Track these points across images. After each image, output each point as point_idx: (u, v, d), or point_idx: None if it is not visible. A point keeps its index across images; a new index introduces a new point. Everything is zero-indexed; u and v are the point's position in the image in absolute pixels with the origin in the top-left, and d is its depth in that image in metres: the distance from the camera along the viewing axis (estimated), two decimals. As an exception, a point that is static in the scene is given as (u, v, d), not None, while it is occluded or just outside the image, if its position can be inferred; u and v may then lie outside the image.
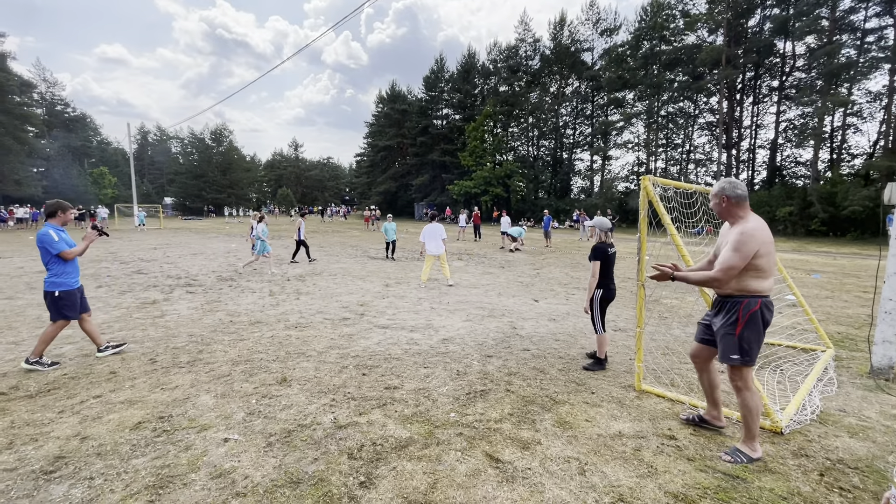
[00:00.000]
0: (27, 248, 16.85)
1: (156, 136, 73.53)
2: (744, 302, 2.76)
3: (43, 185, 44.81)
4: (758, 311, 2.74)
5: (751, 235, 2.67)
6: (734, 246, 2.68)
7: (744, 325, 2.75)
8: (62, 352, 4.93)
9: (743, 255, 2.65)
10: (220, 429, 3.19)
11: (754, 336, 2.76)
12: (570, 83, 46.77)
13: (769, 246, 2.73)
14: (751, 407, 2.82)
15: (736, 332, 2.77)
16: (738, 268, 2.67)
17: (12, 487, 2.51)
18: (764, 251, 2.68)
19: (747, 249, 2.65)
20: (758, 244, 2.66)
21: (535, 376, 4.29)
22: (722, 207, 2.90)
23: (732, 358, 2.80)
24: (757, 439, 2.85)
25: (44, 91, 54.03)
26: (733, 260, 2.67)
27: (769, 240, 2.74)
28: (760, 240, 2.68)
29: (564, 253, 16.99)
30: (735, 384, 2.87)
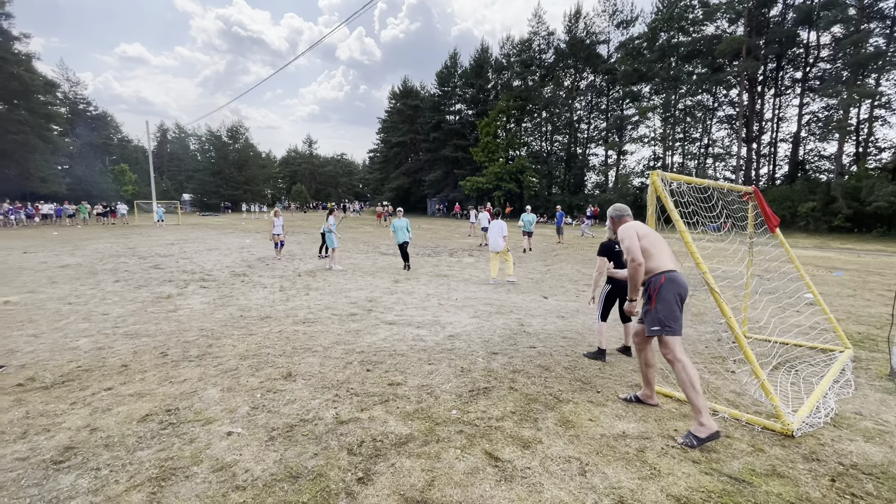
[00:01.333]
0: (51, 243, 17.37)
1: (174, 133, 74.92)
2: (651, 280, 3.25)
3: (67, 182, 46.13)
4: (664, 285, 3.17)
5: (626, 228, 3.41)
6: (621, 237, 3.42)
7: (655, 300, 3.19)
8: (78, 345, 5.06)
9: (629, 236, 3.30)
10: (225, 422, 3.23)
11: (667, 307, 3.14)
12: (585, 77, 46.10)
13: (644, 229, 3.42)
14: (683, 379, 3.04)
15: (651, 307, 3.22)
16: (635, 247, 3.22)
17: (23, 476, 2.58)
18: (642, 233, 3.34)
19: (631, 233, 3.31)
20: (633, 230, 3.35)
21: (540, 374, 4.25)
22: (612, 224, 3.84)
23: (653, 329, 3.20)
24: (704, 413, 2.96)
25: (67, 90, 55.45)
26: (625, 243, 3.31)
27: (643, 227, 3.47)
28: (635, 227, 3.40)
29: (577, 249, 16.80)
30: (664, 355, 3.17)
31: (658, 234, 3.45)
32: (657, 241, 3.36)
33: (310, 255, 13.69)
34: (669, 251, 3.35)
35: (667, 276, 3.19)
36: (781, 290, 7.63)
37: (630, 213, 3.79)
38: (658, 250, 3.29)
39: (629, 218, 3.73)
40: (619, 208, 3.80)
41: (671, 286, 3.17)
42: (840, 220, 25.39)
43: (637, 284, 3.24)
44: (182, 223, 33.17)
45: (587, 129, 46.99)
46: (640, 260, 3.19)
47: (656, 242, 3.34)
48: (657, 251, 3.28)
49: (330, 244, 11.39)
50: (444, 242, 18.57)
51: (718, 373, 4.36)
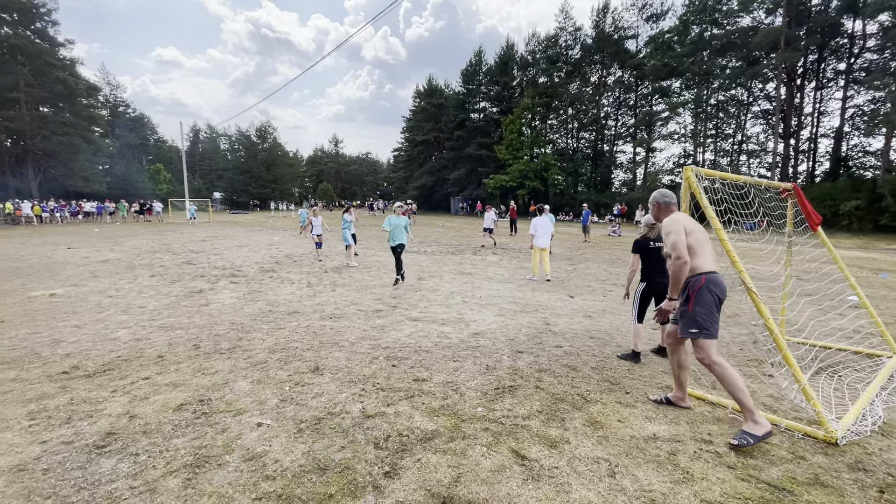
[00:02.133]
0: (93, 239, 18.23)
1: (206, 133, 77.35)
2: (691, 281, 3.10)
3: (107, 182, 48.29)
4: (704, 287, 3.04)
5: (673, 220, 3.20)
6: (666, 230, 3.19)
7: (694, 301, 3.06)
8: (117, 336, 5.28)
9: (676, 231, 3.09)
10: (255, 413, 3.31)
11: (706, 310, 3.03)
12: (613, 72, 45.08)
13: (692, 224, 3.21)
14: (727, 380, 2.96)
15: (689, 308, 3.08)
16: (682, 243, 3.04)
17: (68, 459, 2.71)
18: (689, 228, 3.14)
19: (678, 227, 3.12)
20: (681, 224, 3.14)
21: (567, 374, 4.18)
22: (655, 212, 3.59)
23: (690, 332, 3.08)
24: (755, 412, 2.91)
25: (108, 93, 58.05)
26: (671, 237, 3.10)
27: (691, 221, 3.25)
28: (683, 221, 3.18)
29: (603, 248, 16.47)
30: (700, 359, 3.06)
31: (704, 232, 3.25)
32: (703, 239, 3.18)
33: (336, 252, 13.89)
34: (712, 251, 3.20)
35: (708, 277, 3.06)
36: (821, 292, 7.27)
37: (676, 201, 3.53)
38: (703, 249, 3.13)
39: (676, 207, 3.49)
40: (667, 194, 3.51)
41: (712, 288, 3.04)
42: (887, 220, 23.97)
43: (679, 283, 3.07)
44: (213, 221, 34.25)
45: (614, 126, 46.00)
46: (687, 258, 3.01)
47: (702, 241, 3.16)
48: (702, 250, 3.12)
49: (345, 241, 11.47)
50: (468, 241, 18.52)
51: (755, 376, 4.19)
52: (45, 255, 13.01)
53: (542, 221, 9.40)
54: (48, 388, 3.77)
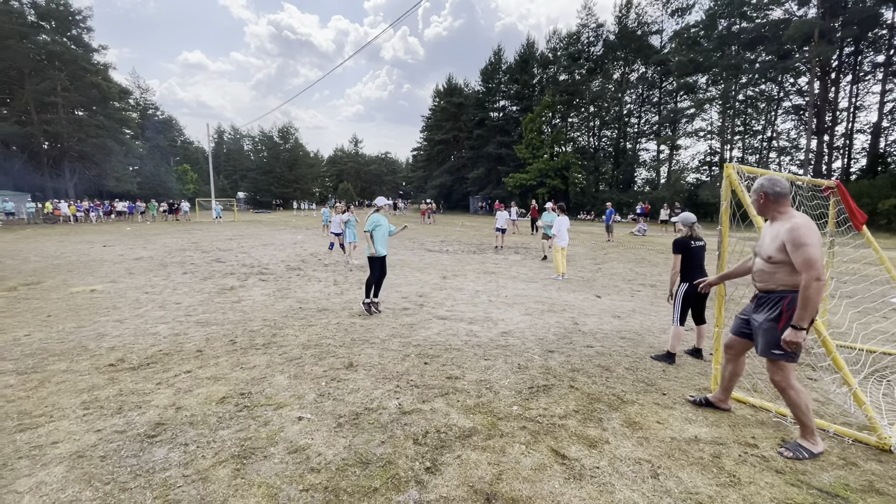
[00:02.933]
0: (126, 237, 18.89)
1: (230, 134, 79.16)
2: (788, 297, 2.70)
3: (137, 182, 49.87)
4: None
5: (809, 227, 2.62)
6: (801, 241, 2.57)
7: (787, 320, 2.67)
8: (157, 330, 5.47)
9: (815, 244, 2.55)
10: (294, 407, 3.39)
11: None
12: (636, 69, 44.29)
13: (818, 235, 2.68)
14: (798, 404, 2.78)
15: (779, 326, 2.72)
16: (819, 259, 2.53)
17: (122, 447, 2.83)
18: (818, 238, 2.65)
19: (816, 238, 2.59)
20: (817, 233, 2.63)
21: (601, 374, 4.14)
22: (760, 204, 2.90)
23: (775, 353, 2.74)
24: (816, 434, 2.81)
25: (138, 97, 59.96)
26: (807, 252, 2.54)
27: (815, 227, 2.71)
28: (814, 229, 2.64)
29: (628, 248, 16.21)
30: (776, 381, 2.81)
31: None
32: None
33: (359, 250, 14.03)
34: None
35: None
36: (861, 294, 7.00)
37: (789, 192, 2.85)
38: None
39: (789, 199, 2.80)
40: (780, 182, 2.80)
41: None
42: (928, 219, 22.92)
43: (816, 309, 2.55)
44: (238, 220, 35.05)
45: (637, 124, 45.16)
46: (823, 278, 2.49)
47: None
48: None
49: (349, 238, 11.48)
50: (489, 240, 18.47)
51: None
52: (83, 252, 13.55)
53: (565, 221, 9.33)
54: (97, 380, 3.93)
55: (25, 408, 3.38)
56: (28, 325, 5.73)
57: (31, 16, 38.48)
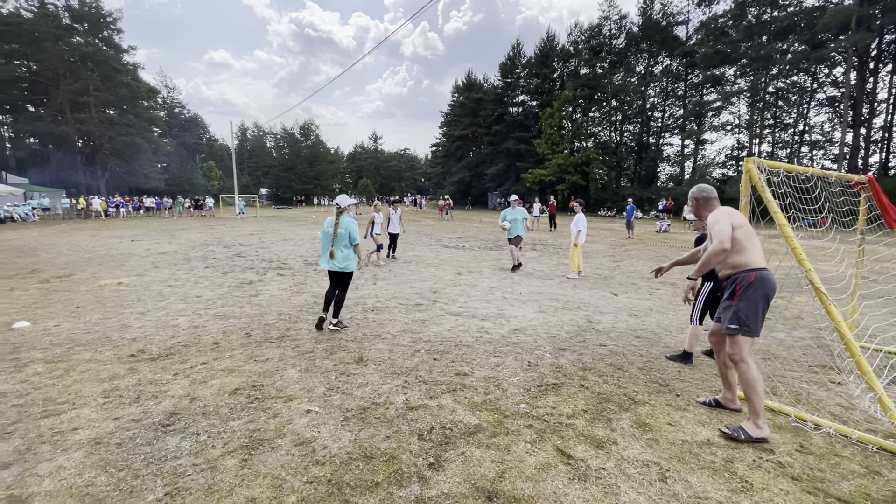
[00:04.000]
0: (153, 232, 19.50)
1: (253, 132, 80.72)
2: (739, 276, 3.01)
3: (164, 178, 51.43)
4: (753, 283, 2.93)
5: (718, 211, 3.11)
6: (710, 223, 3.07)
7: (739, 297, 2.96)
8: (177, 323, 5.63)
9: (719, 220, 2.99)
10: (304, 400, 3.44)
11: (751, 307, 2.93)
12: (660, 61, 43.17)
13: (740, 219, 3.08)
14: (748, 380, 2.91)
15: (733, 302, 3.00)
16: (727, 232, 2.92)
17: (138, 435, 2.92)
18: (738, 223, 3.02)
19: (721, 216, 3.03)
20: (730, 217, 3.02)
21: (613, 373, 4.06)
22: (695, 209, 3.42)
23: (730, 327, 2.99)
24: (762, 417, 2.90)
25: (165, 96, 61.73)
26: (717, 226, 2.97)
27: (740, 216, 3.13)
28: (731, 215, 3.06)
29: (648, 245, 15.87)
30: (730, 354, 3.00)
31: (752, 228, 3.15)
32: (752, 234, 3.08)
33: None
34: (761, 247, 3.08)
35: (758, 274, 2.95)
36: (891, 295, 6.68)
37: (716, 196, 3.38)
38: (752, 244, 3.02)
39: (717, 202, 3.34)
40: (706, 189, 3.39)
41: (760, 285, 2.93)
42: (974, 216, 21.63)
43: (707, 267, 3.02)
44: (260, 215, 35.76)
45: (661, 118, 44.07)
46: (728, 246, 2.91)
47: (751, 236, 3.05)
48: (751, 245, 3.01)
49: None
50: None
51: (821, 383, 3.91)
52: (112, 246, 14.06)
53: (583, 220, 9.17)
54: (118, 370, 4.08)
55: (50, 395, 3.53)
56: (58, 315, 5.97)
57: (66, 18, 39.98)
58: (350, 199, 5.51)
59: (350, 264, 5.24)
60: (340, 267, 5.18)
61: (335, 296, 5.33)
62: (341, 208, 5.30)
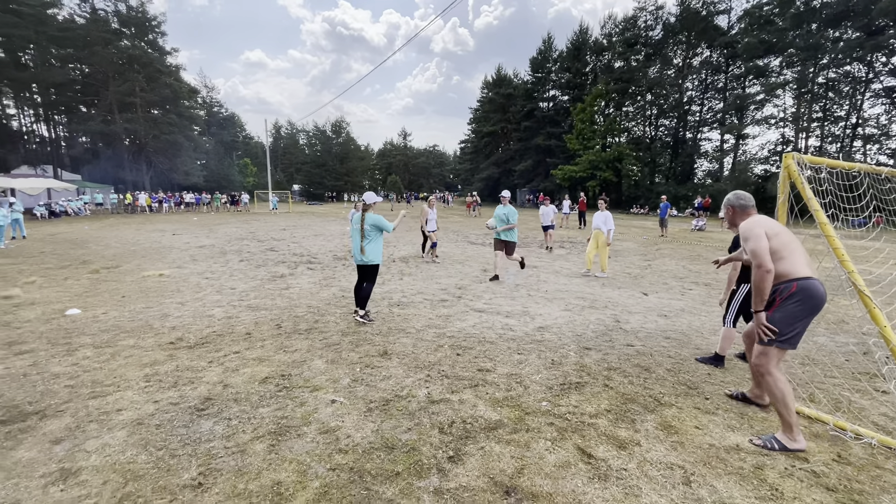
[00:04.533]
0: (192, 227, 20.38)
1: (287, 129, 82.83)
2: (780, 287, 2.84)
3: (203, 175, 53.52)
4: (794, 294, 2.77)
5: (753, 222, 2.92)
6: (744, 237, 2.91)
7: (777, 308, 2.83)
8: (213, 313, 5.89)
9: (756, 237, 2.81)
10: (329, 391, 3.55)
11: (788, 318, 2.77)
12: (699, 53, 41.42)
13: (774, 226, 2.91)
14: (775, 393, 2.80)
15: (769, 312, 2.85)
16: (762, 249, 2.76)
17: (175, 418, 3.10)
18: (772, 232, 2.84)
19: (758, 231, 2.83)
20: (761, 227, 2.85)
21: (639, 374, 3.98)
22: (730, 216, 3.25)
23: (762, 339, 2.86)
24: (795, 429, 2.77)
25: (205, 95, 64.11)
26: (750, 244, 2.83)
27: (772, 223, 2.95)
28: (763, 224, 2.89)
29: (682, 244, 15.35)
30: (756, 366, 2.90)
31: (791, 234, 2.95)
32: (790, 240, 2.87)
33: (403, 242, 14.30)
34: (804, 253, 2.87)
35: (800, 284, 2.75)
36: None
37: (754, 204, 3.17)
38: (791, 252, 2.81)
39: (754, 210, 3.13)
40: (742, 196, 3.20)
41: (803, 297, 2.74)
42: None
43: (763, 294, 2.77)
44: (292, 211, 36.73)
45: (699, 112, 42.30)
46: (770, 266, 2.72)
47: (788, 243, 2.85)
48: (790, 253, 2.81)
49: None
50: (534, 233, 18.15)
51: (865, 391, 3.71)
52: (155, 240, 14.80)
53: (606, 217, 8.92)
54: (159, 356, 4.31)
55: (98, 378, 3.78)
56: (106, 304, 6.36)
57: (115, 23, 42.07)
58: (377, 197, 5.67)
59: (376, 258, 5.46)
60: (367, 260, 5.43)
61: (362, 288, 5.55)
62: (367, 205, 5.48)
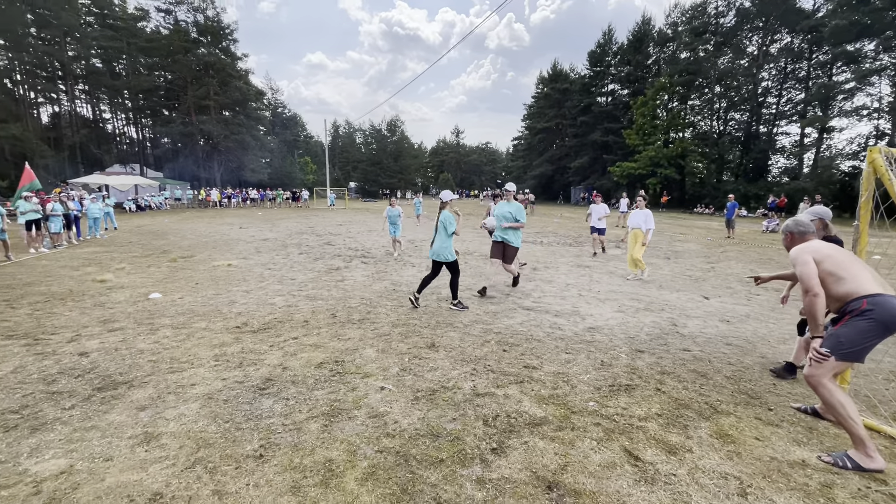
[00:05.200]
0: (257, 221, 21.76)
1: (344, 129, 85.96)
2: (848, 306, 2.71)
3: (268, 172, 56.81)
4: (865, 310, 2.61)
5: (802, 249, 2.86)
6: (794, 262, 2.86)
7: (844, 323, 2.70)
8: (274, 301, 6.30)
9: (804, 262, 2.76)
10: (379, 378, 3.70)
11: (854, 333, 2.62)
12: (778, 39, 38.04)
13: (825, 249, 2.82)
14: (833, 405, 2.65)
15: (835, 327, 2.75)
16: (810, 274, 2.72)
17: (240, 395, 3.38)
18: (821, 256, 2.77)
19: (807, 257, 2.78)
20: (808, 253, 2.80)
21: (694, 380, 3.80)
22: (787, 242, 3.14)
23: (821, 351, 2.70)
24: (868, 444, 2.57)
25: (270, 97, 68.00)
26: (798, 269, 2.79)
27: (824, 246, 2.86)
28: (811, 249, 2.83)
29: (751, 246, 14.26)
30: (809, 375, 2.73)
31: (848, 252, 2.89)
32: (847, 260, 2.77)
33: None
34: (869, 271, 2.73)
35: (871, 300, 2.60)
36: None
37: (814, 230, 3.09)
38: (850, 271, 2.70)
39: (812, 236, 3.05)
40: (801, 223, 3.11)
41: (877, 314, 2.56)
42: None
43: (817, 319, 2.69)
44: (348, 207, 38.14)
45: (776, 104, 38.89)
46: (817, 290, 2.67)
47: (845, 262, 2.74)
48: (848, 273, 2.70)
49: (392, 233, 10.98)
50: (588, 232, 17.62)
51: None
52: (224, 232, 15.98)
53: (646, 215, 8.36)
54: (226, 338, 4.70)
55: (175, 355, 4.19)
56: (182, 290, 6.99)
57: (193, 33, 45.72)
58: (453, 195, 6.16)
59: (446, 254, 5.86)
60: (440, 257, 5.89)
61: (449, 281, 6.06)
62: (444, 202, 5.99)
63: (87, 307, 5.93)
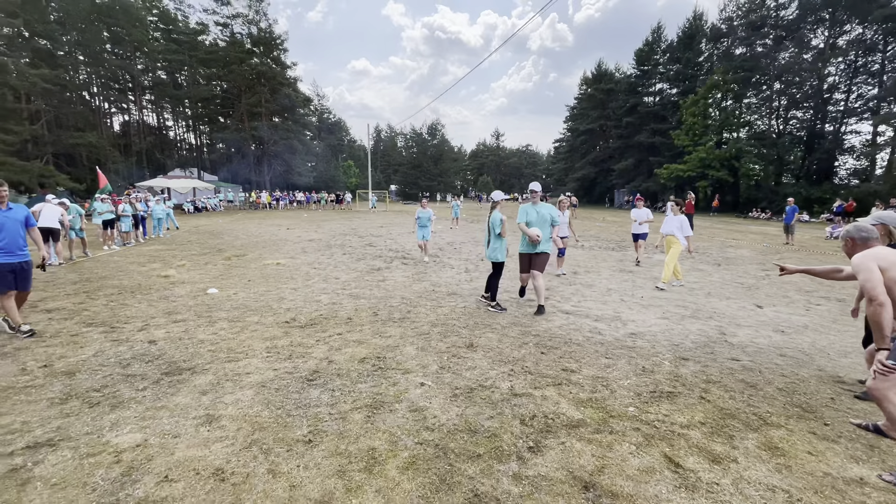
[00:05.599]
0: (303, 222, 22.69)
1: (386, 133, 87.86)
2: None
3: (313, 176, 58.98)
4: None
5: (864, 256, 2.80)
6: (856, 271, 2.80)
7: None
8: (320, 299, 6.60)
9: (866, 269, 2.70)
10: (419, 375, 3.82)
11: None
12: (848, 30, 35.30)
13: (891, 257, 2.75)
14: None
15: None
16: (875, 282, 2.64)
17: (290, 384, 3.60)
18: (886, 264, 2.71)
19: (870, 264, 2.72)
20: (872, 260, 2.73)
21: (743, 390, 3.66)
22: (848, 248, 3.10)
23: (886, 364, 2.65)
24: None
25: (316, 103, 70.59)
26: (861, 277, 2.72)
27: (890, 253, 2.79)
28: (876, 256, 2.76)
29: (812, 253, 13.34)
30: (870, 389, 2.70)
31: None
32: None
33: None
34: None
35: None
36: None
37: (877, 236, 3.02)
38: None
39: (876, 242, 2.98)
40: (864, 228, 3.04)
41: None
42: None
43: (883, 330, 2.61)
44: (389, 210, 38.93)
45: (844, 100, 36.04)
46: (882, 299, 2.61)
47: None
48: None
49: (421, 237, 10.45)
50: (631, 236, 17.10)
51: None
52: (273, 233, 16.80)
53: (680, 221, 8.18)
54: (276, 332, 4.99)
55: (231, 346, 4.51)
56: (236, 286, 7.46)
57: (248, 44, 48.36)
58: (504, 195, 6.35)
59: (495, 255, 6.05)
60: (490, 258, 6.13)
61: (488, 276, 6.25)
62: (495, 202, 6.16)
63: (153, 300, 6.47)
